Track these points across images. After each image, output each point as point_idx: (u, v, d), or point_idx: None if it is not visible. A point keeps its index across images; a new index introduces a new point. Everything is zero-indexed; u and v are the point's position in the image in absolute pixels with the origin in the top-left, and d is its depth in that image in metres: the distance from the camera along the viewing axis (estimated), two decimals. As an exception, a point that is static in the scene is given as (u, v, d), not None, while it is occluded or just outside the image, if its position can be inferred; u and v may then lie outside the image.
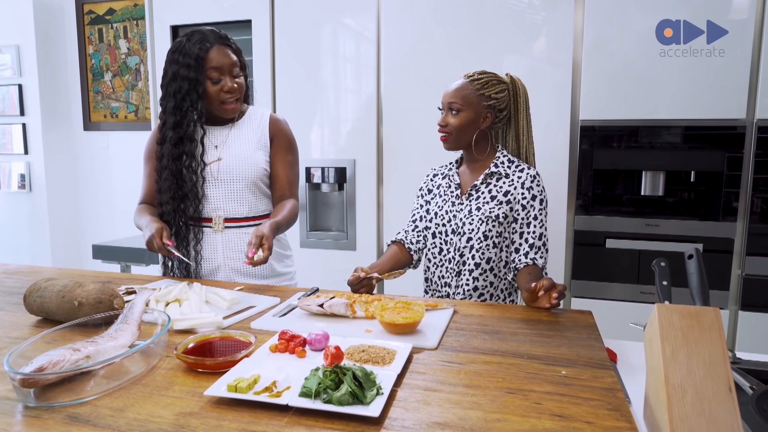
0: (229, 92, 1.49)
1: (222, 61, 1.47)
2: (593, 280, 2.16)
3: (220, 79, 1.47)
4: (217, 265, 1.57)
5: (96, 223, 3.69)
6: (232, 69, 1.49)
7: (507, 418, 0.74)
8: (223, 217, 1.55)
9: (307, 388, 0.78)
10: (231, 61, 1.48)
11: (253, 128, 1.59)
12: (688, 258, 0.91)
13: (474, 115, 1.47)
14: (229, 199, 1.55)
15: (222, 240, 1.56)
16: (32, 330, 1.11)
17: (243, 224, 1.57)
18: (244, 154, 1.55)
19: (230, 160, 1.54)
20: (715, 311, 0.76)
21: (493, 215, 1.44)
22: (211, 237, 1.56)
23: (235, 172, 1.54)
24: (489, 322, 1.14)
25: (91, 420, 0.74)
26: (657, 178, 2.07)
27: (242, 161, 1.54)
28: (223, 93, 1.48)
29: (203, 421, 0.73)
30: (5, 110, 3.50)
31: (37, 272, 1.60)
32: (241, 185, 1.55)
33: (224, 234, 1.56)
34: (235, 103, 1.52)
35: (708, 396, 0.70)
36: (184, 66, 1.45)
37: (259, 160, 1.57)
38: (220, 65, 1.46)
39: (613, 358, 1.08)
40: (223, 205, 1.55)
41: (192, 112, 1.48)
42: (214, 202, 1.55)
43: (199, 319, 1.09)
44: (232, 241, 1.56)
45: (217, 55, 1.46)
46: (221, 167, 1.53)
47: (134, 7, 3.39)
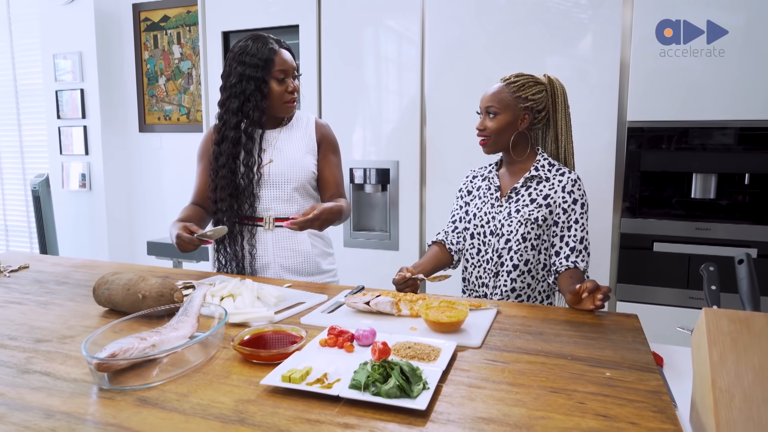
0: (292, 92, 1.59)
1: (287, 64, 1.57)
2: (640, 284, 2.12)
3: (284, 79, 1.57)
4: (267, 262, 1.63)
5: (149, 221, 3.86)
6: (294, 71, 1.60)
7: (550, 416, 0.76)
8: (274, 217, 1.62)
9: (357, 381, 0.82)
10: (293, 64, 1.60)
11: (301, 132, 1.66)
12: (738, 263, 0.90)
13: (511, 117, 1.48)
14: (279, 200, 1.62)
15: (272, 238, 1.63)
16: (100, 320, 1.19)
17: None
18: (295, 157, 1.62)
19: (281, 163, 1.61)
20: (765, 317, 0.76)
21: (533, 218, 1.45)
22: (262, 235, 1.63)
23: (287, 174, 1.61)
24: (532, 323, 1.15)
25: (159, 403, 0.80)
26: (708, 181, 2.02)
27: (293, 164, 1.61)
28: (287, 93, 1.58)
29: (260, 408, 0.78)
30: (68, 113, 3.72)
31: (100, 267, 1.71)
32: (291, 187, 1.61)
33: (274, 233, 1.63)
34: (295, 102, 1.62)
35: (757, 401, 0.70)
36: (251, 66, 1.53)
37: (308, 163, 1.63)
38: (286, 67, 1.57)
39: (659, 363, 1.07)
40: (274, 205, 1.62)
41: (254, 112, 1.56)
42: (266, 203, 1.62)
43: (252, 313, 1.15)
44: (281, 239, 1.63)
45: (283, 58, 1.57)
46: (272, 169, 1.60)
47: (187, 14, 3.54)
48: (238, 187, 1.59)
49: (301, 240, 1.64)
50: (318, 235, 1.70)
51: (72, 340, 1.06)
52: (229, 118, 1.57)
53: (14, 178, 4.36)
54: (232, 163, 1.57)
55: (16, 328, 1.13)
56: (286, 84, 1.57)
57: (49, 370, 0.92)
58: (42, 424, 0.74)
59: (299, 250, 1.64)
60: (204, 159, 1.68)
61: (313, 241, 1.67)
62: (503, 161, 1.60)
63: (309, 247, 1.65)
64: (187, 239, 1.43)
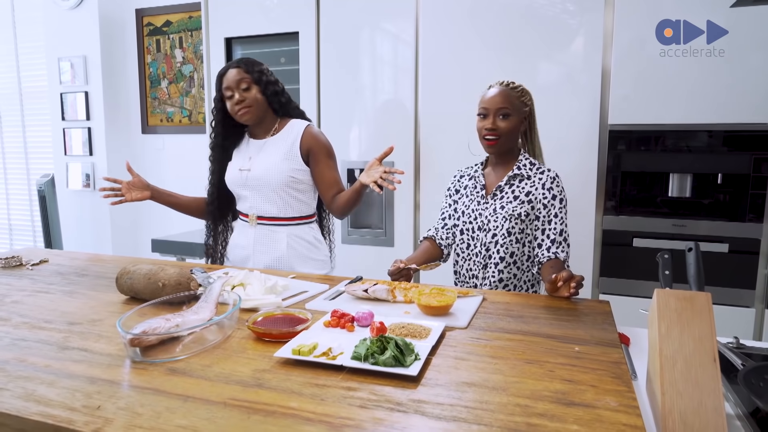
0: (238, 103, 1.73)
1: (229, 80, 1.74)
2: (620, 277, 2.25)
3: (232, 95, 1.74)
4: (247, 254, 1.83)
5: (151, 219, 3.98)
6: (238, 84, 1.73)
7: (524, 381, 0.89)
8: (256, 215, 1.81)
9: (358, 353, 0.94)
10: (237, 78, 1.73)
11: (284, 141, 1.80)
12: (687, 251, 1.03)
13: (519, 120, 1.61)
14: (260, 201, 1.80)
15: (254, 234, 1.82)
16: (123, 306, 1.31)
17: (273, 222, 1.81)
18: (270, 163, 1.77)
19: (257, 170, 1.78)
20: (706, 296, 0.89)
21: (516, 213, 1.58)
22: (246, 229, 1.84)
23: (263, 178, 1.77)
24: (514, 309, 1.28)
25: (187, 372, 0.92)
26: (684, 180, 2.16)
27: (268, 170, 1.76)
28: (234, 105, 1.74)
29: (275, 376, 0.90)
30: (74, 115, 3.82)
31: (115, 261, 1.83)
32: (268, 189, 1.78)
33: (256, 229, 1.81)
34: (245, 110, 1.74)
35: (695, 365, 0.83)
36: (216, 91, 1.81)
37: (284, 168, 1.76)
38: (228, 84, 1.74)
39: (625, 341, 1.20)
40: (256, 205, 1.81)
41: (218, 126, 1.84)
42: (251, 202, 1.82)
43: (262, 299, 1.27)
44: (262, 235, 1.81)
45: (226, 77, 1.75)
46: (249, 176, 1.79)
47: (189, 19, 3.65)
48: (221, 188, 1.87)
49: (279, 239, 1.80)
50: (301, 237, 1.82)
51: (101, 323, 1.18)
52: (213, 131, 1.87)
53: (18, 178, 4.46)
54: (216, 166, 1.88)
55: (48, 313, 1.25)
56: (233, 97, 1.74)
57: (85, 347, 1.04)
58: (88, 388, 0.86)
59: (276, 248, 1.80)
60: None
61: (291, 242, 1.80)
62: (489, 161, 1.73)
63: (283, 247, 1.79)
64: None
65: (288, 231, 1.80)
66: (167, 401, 0.82)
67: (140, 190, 1.83)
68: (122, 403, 0.81)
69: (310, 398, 0.83)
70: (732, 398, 0.94)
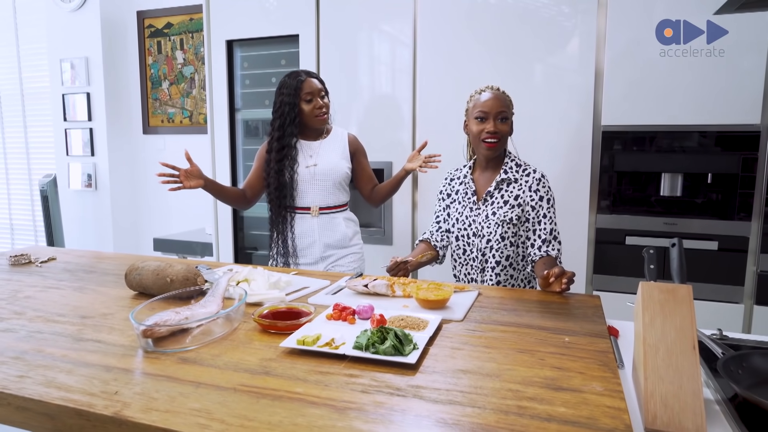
0: (320, 108, 2.02)
1: (312, 87, 2.01)
2: (613, 274, 2.31)
3: (312, 99, 2.00)
4: (313, 240, 2.08)
5: (153, 219, 4.02)
6: (320, 92, 2.03)
7: (516, 368, 0.94)
8: (318, 207, 2.06)
9: (359, 343, 1.00)
10: (319, 87, 2.03)
11: (337, 144, 2.13)
12: (671, 246, 1.08)
13: (511, 123, 1.69)
14: (323, 194, 2.07)
15: (318, 223, 2.07)
16: (132, 301, 1.36)
17: (332, 211, 2.10)
18: (334, 162, 2.07)
19: (323, 166, 2.06)
20: (687, 288, 0.94)
21: (507, 218, 1.64)
22: (309, 221, 2.07)
23: (328, 174, 2.05)
24: (508, 303, 1.34)
25: (197, 361, 0.97)
26: (675, 180, 2.21)
27: (333, 167, 2.06)
28: (315, 109, 2.02)
29: (281, 364, 0.96)
30: (75, 116, 3.87)
31: (121, 258, 1.88)
32: (330, 183, 2.06)
33: (319, 218, 2.07)
34: (324, 115, 2.04)
35: (676, 353, 0.88)
36: (286, 95, 2.01)
37: (343, 166, 2.09)
38: (311, 90, 2.00)
39: (614, 333, 1.26)
40: (319, 197, 2.07)
41: (290, 127, 2.02)
42: (312, 195, 2.06)
43: (266, 294, 1.32)
44: (325, 223, 2.08)
45: (309, 83, 2.01)
46: (316, 171, 2.04)
47: (189, 21, 3.70)
48: (283, 184, 2.04)
49: (338, 223, 2.10)
50: (349, 218, 2.18)
51: (112, 316, 1.23)
52: (275, 133, 2.04)
53: (20, 178, 4.50)
54: (276, 165, 2.03)
55: (60, 307, 1.30)
56: (313, 103, 2.00)
57: (99, 338, 1.09)
58: (105, 375, 0.91)
59: (338, 230, 2.09)
60: (256, 162, 2.14)
61: (347, 224, 2.13)
62: (478, 164, 1.78)
63: (344, 228, 2.11)
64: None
65: (343, 216, 2.12)
66: (180, 387, 0.87)
67: (196, 179, 1.90)
68: (138, 389, 0.86)
69: (315, 384, 0.88)
70: (713, 385, 1.00)
